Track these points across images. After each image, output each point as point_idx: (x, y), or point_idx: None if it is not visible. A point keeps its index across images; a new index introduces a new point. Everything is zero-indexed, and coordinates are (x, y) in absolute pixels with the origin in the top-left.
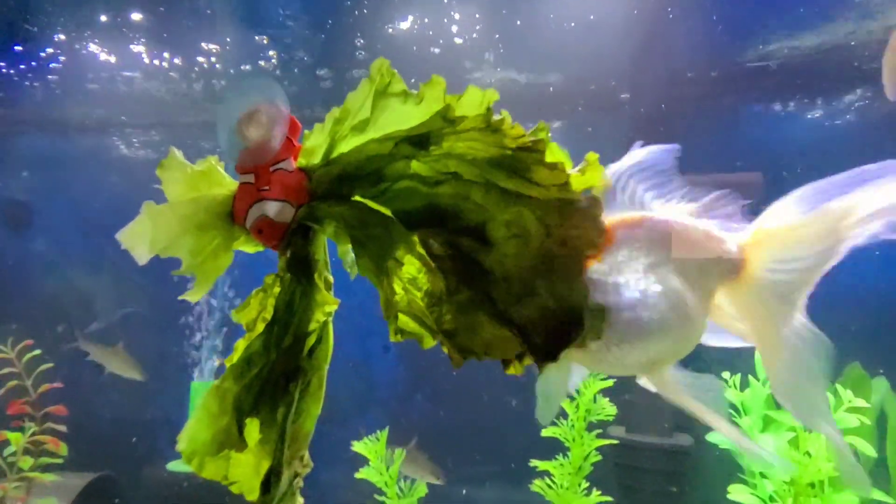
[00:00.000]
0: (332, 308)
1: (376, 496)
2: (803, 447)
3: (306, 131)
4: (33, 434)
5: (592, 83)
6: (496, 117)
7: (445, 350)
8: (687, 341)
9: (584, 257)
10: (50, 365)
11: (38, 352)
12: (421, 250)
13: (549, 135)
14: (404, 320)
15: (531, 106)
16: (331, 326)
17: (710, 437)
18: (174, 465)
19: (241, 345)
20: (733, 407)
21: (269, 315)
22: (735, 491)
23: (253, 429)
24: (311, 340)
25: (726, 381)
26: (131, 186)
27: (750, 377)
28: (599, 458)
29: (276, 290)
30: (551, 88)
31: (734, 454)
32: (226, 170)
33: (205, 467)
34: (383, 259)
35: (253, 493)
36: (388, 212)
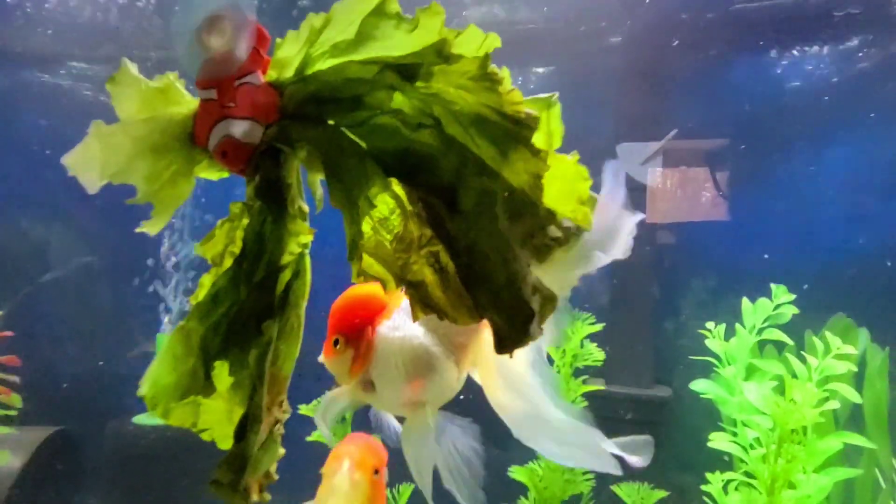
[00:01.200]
0: (308, 238)
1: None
2: (788, 394)
3: (278, 39)
4: None
5: (582, 25)
6: (495, 69)
7: (407, 297)
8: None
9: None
10: None
11: None
12: (399, 191)
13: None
14: (369, 262)
15: (515, 48)
16: (308, 260)
17: (693, 386)
18: (140, 419)
19: (206, 281)
20: (716, 356)
21: (237, 248)
22: (716, 438)
23: (223, 372)
24: (287, 275)
25: (710, 330)
26: (82, 126)
27: (737, 325)
28: (586, 404)
29: (245, 220)
30: (535, 27)
31: (716, 403)
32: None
33: (171, 414)
34: (356, 194)
35: (226, 441)
36: (364, 146)
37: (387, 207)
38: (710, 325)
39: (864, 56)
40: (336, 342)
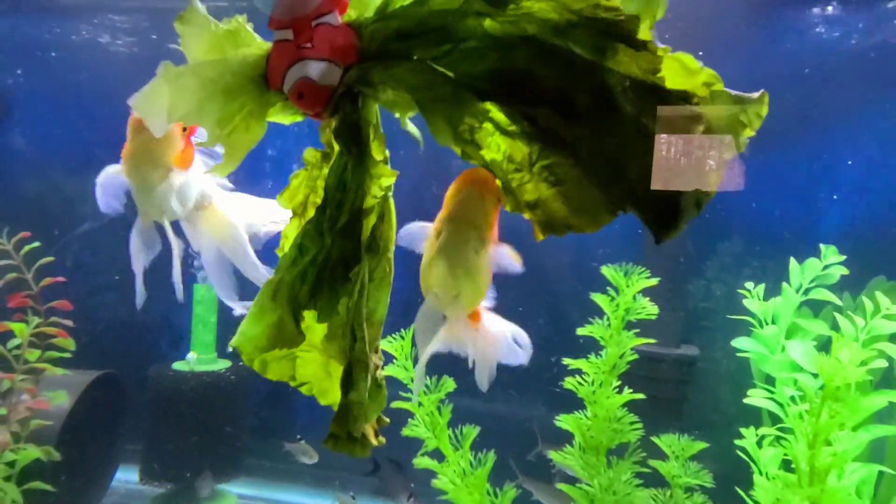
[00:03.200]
0: (390, 181)
1: (402, 393)
2: (835, 352)
3: None
4: (37, 326)
5: None
6: None
7: (528, 218)
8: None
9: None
10: (51, 259)
11: (37, 244)
12: (497, 114)
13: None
14: None
15: None
16: (392, 203)
17: (735, 343)
18: (179, 365)
19: (290, 231)
20: (756, 318)
21: (318, 198)
22: (753, 395)
23: (315, 323)
24: (372, 219)
25: (749, 291)
26: (118, 81)
27: (784, 284)
28: (636, 357)
29: (324, 168)
30: None
31: (753, 361)
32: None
33: (269, 368)
34: (456, 124)
35: (325, 396)
36: (452, 76)
37: (486, 133)
38: (748, 285)
39: None
40: None
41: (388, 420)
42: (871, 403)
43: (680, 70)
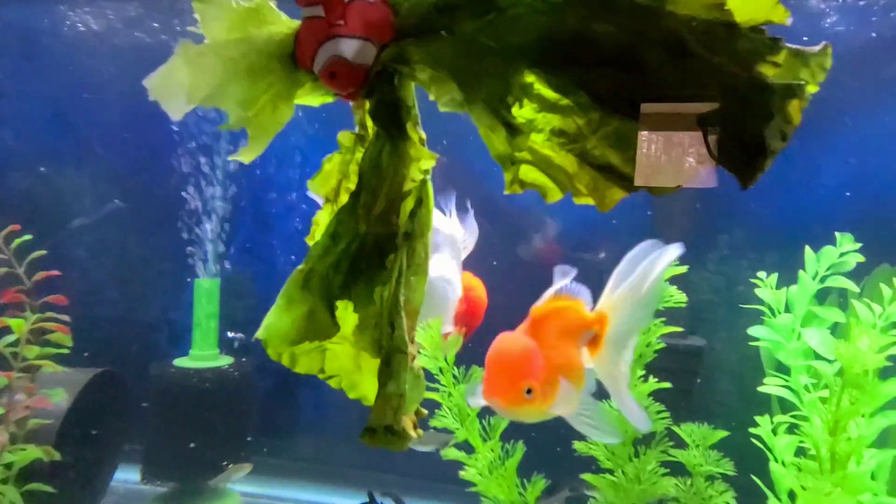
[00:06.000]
0: (430, 164)
1: (428, 383)
2: (853, 339)
3: None
4: (34, 322)
5: None
6: None
7: (585, 191)
8: None
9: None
10: (42, 252)
11: (28, 236)
12: (542, 89)
13: None
14: (526, 170)
15: None
16: (430, 186)
17: (751, 331)
18: (181, 361)
19: (321, 219)
20: (769, 307)
21: (352, 183)
22: (768, 383)
23: (346, 314)
24: (410, 204)
25: (762, 280)
26: (111, 71)
27: (800, 272)
28: (663, 345)
29: (358, 152)
30: None
31: (769, 350)
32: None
33: (297, 362)
34: (498, 100)
35: (355, 389)
36: (497, 47)
37: (531, 109)
38: (761, 274)
39: None
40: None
41: (425, 412)
42: (890, 389)
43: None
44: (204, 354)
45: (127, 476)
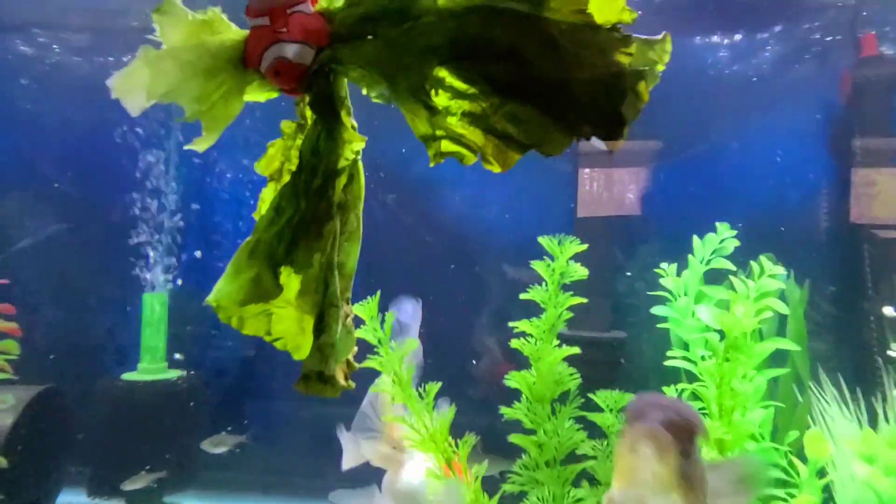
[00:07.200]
0: (361, 145)
1: (369, 356)
2: (732, 309)
3: None
4: None
5: None
6: None
7: (491, 158)
8: None
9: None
10: None
11: None
12: (453, 81)
13: None
14: (445, 144)
15: None
16: (360, 164)
17: (655, 311)
18: (129, 375)
19: (267, 195)
20: (671, 293)
21: (293, 165)
22: (672, 355)
23: (290, 280)
24: (343, 180)
25: (664, 269)
26: (57, 101)
27: (689, 257)
28: (571, 315)
29: (298, 138)
30: None
31: (670, 328)
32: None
33: (245, 324)
34: (418, 89)
35: (299, 351)
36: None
37: (445, 97)
38: (663, 265)
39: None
40: None
41: (357, 366)
42: (763, 349)
43: (603, 4)
44: (152, 368)
45: (71, 499)
